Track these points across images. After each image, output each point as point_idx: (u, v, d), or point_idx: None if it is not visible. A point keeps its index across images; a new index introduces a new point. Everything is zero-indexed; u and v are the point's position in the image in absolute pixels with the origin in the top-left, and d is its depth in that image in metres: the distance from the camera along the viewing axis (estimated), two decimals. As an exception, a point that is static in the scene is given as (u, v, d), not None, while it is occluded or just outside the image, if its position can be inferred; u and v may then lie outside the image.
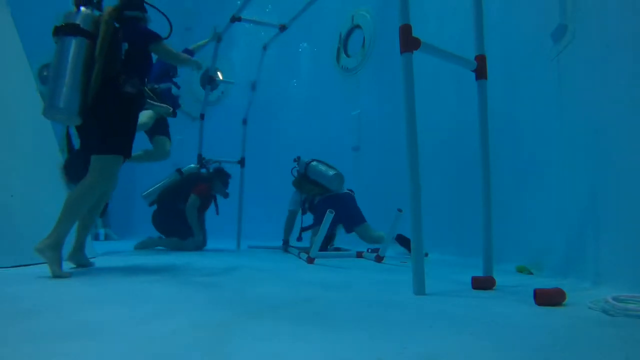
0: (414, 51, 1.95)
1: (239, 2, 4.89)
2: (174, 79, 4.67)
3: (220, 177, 4.83)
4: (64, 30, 2.33)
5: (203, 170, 4.89)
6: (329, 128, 6.62)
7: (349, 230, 4.45)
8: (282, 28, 5.01)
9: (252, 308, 1.50)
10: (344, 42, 6.72)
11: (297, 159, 4.83)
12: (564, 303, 1.61)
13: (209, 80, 5.35)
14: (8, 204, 2.60)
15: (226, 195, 4.90)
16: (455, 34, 4.00)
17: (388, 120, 5.41)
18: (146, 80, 2.74)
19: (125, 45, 2.54)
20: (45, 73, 6.69)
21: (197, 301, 1.62)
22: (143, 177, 4.69)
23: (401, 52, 1.94)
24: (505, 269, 2.72)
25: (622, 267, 1.87)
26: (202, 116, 5.29)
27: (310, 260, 3.28)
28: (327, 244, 4.24)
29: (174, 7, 7.17)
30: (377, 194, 5.30)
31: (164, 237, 4.56)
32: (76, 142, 2.71)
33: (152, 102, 2.93)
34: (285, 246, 4.73)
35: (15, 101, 3.01)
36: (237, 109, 5.71)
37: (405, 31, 1.93)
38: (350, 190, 4.59)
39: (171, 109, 3.24)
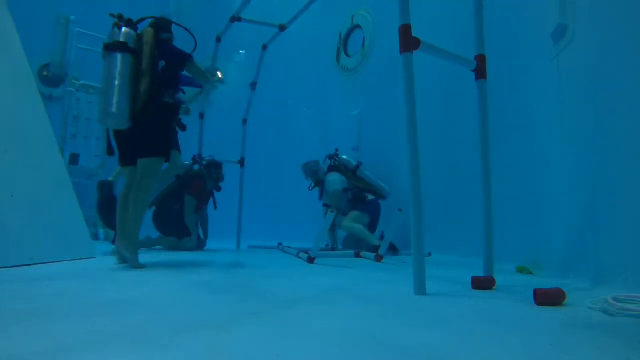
0: (414, 51, 1.94)
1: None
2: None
3: (210, 171, 4.83)
4: (113, 47, 2.69)
5: (196, 167, 4.89)
6: (329, 128, 6.62)
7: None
8: (282, 28, 5.01)
9: (252, 308, 1.50)
10: (344, 42, 6.71)
11: (336, 152, 5.07)
12: (564, 303, 1.61)
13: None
14: (8, 204, 2.60)
15: (218, 189, 4.91)
16: (455, 34, 4.00)
17: (388, 120, 5.41)
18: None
19: (162, 63, 2.89)
20: (45, 73, 6.69)
21: (197, 301, 1.62)
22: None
23: (401, 52, 1.93)
24: (505, 269, 2.72)
25: (622, 267, 1.87)
26: (201, 116, 5.29)
27: (311, 260, 3.28)
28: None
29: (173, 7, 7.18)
30: (377, 193, 5.30)
31: (162, 236, 4.56)
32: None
33: None
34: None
35: (15, 101, 3.00)
36: (237, 109, 5.71)
37: (405, 31, 1.93)
38: None
39: (190, 108, 3.32)
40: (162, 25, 3.01)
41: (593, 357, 0.97)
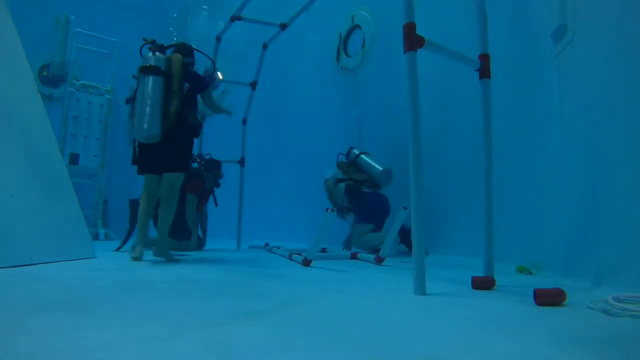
0: (418, 50, 1.93)
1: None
2: None
3: (209, 168, 4.84)
4: (148, 70, 3.05)
5: (195, 165, 4.89)
6: (329, 128, 6.61)
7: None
8: (283, 27, 5.01)
9: (250, 308, 1.50)
10: (344, 42, 6.71)
11: (350, 149, 5.01)
12: (564, 303, 1.61)
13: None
14: (8, 204, 2.60)
15: (217, 185, 4.92)
16: (456, 34, 4.00)
17: (388, 120, 5.41)
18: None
19: (186, 85, 3.22)
20: (45, 73, 6.69)
21: (197, 300, 1.62)
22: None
23: (405, 51, 1.91)
24: (505, 269, 2.72)
25: (623, 267, 1.87)
26: (202, 116, 5.27)
27: (307, 263, 3.10)
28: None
29: (173, 7, 7.19)
30: (377, 194, 5.28)
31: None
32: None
33: None
34: (342, 213, 4.67)
35: (15, 101, 3.00)
36: (237, 109, 5.71)
37: (409, 29, 1.91)
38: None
39: None
40: (186, 51, 3.36)
41: (593, 358, 0.97)
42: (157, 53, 3.12)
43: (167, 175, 3.23)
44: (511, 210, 3.08)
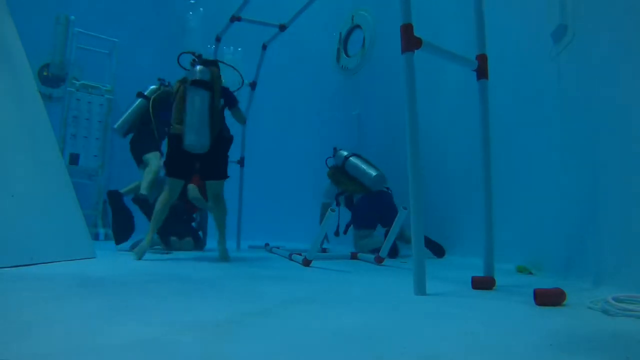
0: (416, 51, 1.94)
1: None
2: None
3: None
4: (199, 84, 3.20)
5: None
6: (329, 128, 6.61)
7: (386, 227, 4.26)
8: (282, 27, 5.00)
9: (250, 307, 1.50)
10: (344, 42, 6.71)
11: (335, 151, 4.82)
12: (564, 303, 1.61)
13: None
14: (8, 204, 2.60)
15: None
16: (455, 34, 4.00)
17: (388, 120, 5.41)
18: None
19: (222, 101, 3.42)
20: (45, 73, 6.69)
21: (197, 300, 1.62)
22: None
23: (402, 52, 1.92)
24: (505, 269, 2.72)
25: (623, 267, 1.88)
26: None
27: (307, 263, 3.09)
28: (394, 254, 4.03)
29: (173, 7, 7.18)
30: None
31: (163, 236, 4.54)
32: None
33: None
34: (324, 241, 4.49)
35: (15, 101, 3.00)
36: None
37: (407, 30, 1.92)
38: (388, 189, 4.49)
39: None
40: (217, 66, 3.49)
41: (593, 358, 0.97)
42: (201, 66, 3.24)
43: (213, 183, 3.50)
44: (511, 210, 3.09)
